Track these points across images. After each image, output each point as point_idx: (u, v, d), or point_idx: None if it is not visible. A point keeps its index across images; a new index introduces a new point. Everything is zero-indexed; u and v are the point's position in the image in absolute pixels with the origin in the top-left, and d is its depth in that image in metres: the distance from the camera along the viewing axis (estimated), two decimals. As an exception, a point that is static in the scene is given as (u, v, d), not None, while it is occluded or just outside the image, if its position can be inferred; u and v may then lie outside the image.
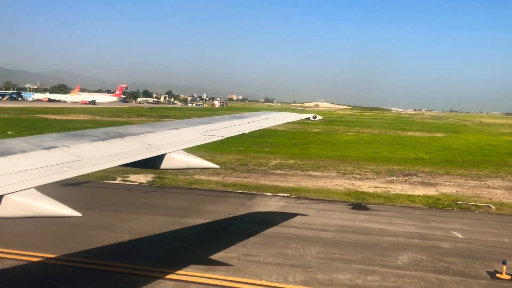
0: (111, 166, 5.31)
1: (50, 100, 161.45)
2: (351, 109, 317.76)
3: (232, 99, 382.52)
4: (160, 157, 5.93)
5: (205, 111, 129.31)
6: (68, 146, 5.27)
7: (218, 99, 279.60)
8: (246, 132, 8.14)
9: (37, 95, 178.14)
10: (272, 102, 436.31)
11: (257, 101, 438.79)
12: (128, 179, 21.75)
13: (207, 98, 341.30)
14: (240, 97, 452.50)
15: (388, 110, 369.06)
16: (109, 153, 5.50)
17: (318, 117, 10.81)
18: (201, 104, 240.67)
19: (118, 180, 21.41)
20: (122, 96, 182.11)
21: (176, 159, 5.99)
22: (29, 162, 4.65)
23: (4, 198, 3.99)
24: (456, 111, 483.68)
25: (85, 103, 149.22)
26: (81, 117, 72.81)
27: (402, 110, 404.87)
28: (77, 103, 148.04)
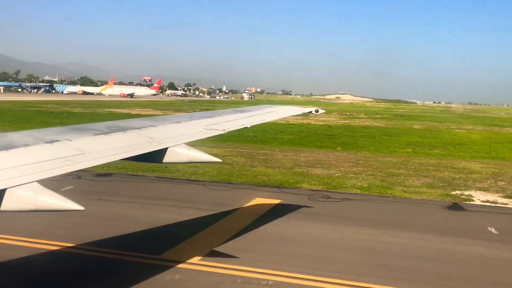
0: (113, 160, 5.34)
1: (84, 93, 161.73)
2: (376, 102, 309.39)
3: (251, 91, 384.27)
4: (163, 151, 5.95)
5: (242, 104, 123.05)
6: (70, 140, 5.30)
7: (246, 91, 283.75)
8: (249, 126, 8.06)
9: (71, 88, 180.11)
10: (290, 94, 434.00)
11: (275, 94, 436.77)
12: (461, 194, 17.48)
13: (227, 91, 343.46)
14: (259, 90, 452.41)
15: (413, 102, 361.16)
16: (111, 146, 5.52)
17: (320, 111, 10.65)
18: (228, 97, 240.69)
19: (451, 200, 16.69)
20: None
21: (178, 153, 6.00)
22: (31, 156, 4.70)
23: (7, 191, 4.04)
24: (476, 104, 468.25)
25: (124, 96, 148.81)
26: (150, 111, 68.27)
27: (421, 102, 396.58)
28: (115, 96, 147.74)
